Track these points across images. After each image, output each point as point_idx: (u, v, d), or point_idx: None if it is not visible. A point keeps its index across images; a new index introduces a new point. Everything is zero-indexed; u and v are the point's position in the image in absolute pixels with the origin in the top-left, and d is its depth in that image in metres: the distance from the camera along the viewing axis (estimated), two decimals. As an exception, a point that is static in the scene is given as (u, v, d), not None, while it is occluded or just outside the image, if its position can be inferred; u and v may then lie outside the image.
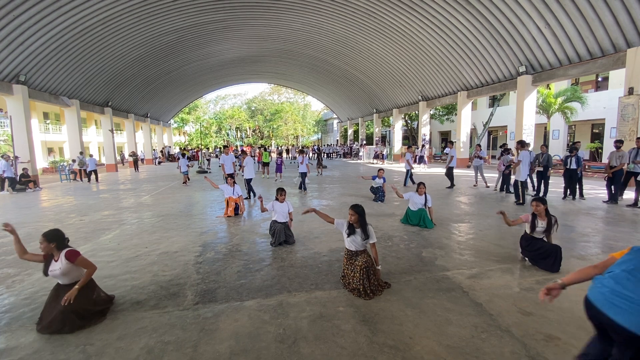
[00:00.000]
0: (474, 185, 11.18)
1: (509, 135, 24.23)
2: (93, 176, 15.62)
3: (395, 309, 3.09)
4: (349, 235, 3.52)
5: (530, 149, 9.50)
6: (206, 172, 18.84)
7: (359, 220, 3.47)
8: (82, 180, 15.79)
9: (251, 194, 9.21)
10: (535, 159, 8.93)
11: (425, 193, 6.04)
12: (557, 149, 21.50)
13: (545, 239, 4.00)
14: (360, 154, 30.05)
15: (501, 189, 9.96)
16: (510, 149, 10.44)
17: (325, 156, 30.29)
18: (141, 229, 6.33)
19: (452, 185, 10.70)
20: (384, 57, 20.57)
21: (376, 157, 24.79)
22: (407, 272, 3.96)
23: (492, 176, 12.19)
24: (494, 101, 23.68)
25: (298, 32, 20.00)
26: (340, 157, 34.09)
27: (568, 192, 8.66)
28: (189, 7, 15.23)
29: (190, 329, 2.83)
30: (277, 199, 5.17)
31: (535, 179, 9.46)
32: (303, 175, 10.79)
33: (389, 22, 16.40)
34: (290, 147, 31.36)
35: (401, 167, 19.65)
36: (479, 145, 11.80)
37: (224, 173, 9.98)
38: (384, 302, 3.22)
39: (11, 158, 12.98)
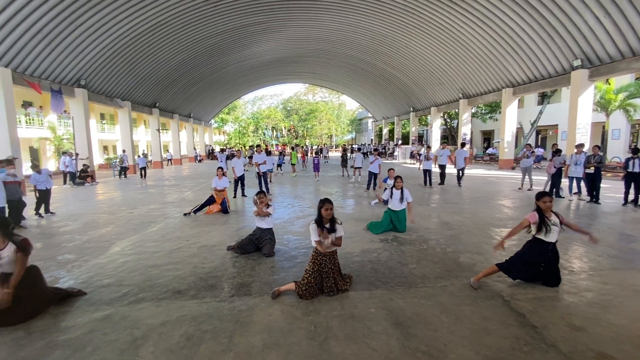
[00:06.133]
0: (527, 189, 10.28)
1: (560, 135, 22.42)
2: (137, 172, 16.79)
3: (430, 314, 3.00)
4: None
5: (584, 149, 8.75)
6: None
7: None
8: (125, 177, 16.91)
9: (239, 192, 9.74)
10: (586, 160, 8.21)
11: (402, 188, 5.64)
12: (618, 150, 19.50)
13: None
14: (395, 153, 29.42)
15: (550, 193, 9.22)
16: (561, 150, 9.65)
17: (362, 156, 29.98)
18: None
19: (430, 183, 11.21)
20: (423, 54, 19.95)
21: (412, 156, 24.14)
22: (443, 276, 3.82)
23: (540, 179, 11.36)
24: (544, 98, 22.01)
25: (336, 31, 20.00)
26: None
27: (630, 197, 7.83)
28: (230, 10, 15.83)
29: (226, 320, 2.95)
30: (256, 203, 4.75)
31: (580, 182, 8.69)
32: (374, 175, 10.56)
33: (429, 18, 15.86)
34: (323, 147, 31.33)
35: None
36: (529, 145, 11.03)
37: (234, 176, 9.60)
38: (418, 306, 3.14)
39: (74, 155, 14.37)
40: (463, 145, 12.87)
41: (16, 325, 2.89)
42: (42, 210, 7.65)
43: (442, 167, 11.85)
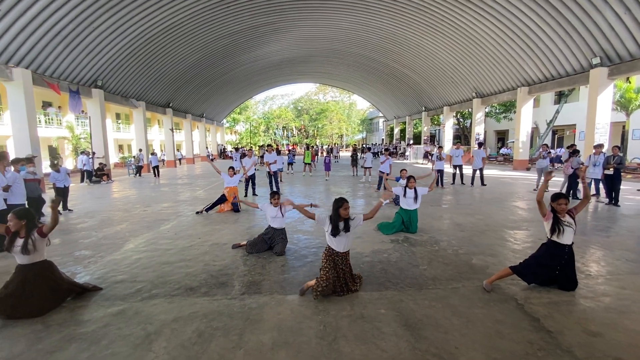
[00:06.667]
0: (534, 190, 10.22)
1: (578, 135, 21.79)
2: (149, 171, 17.14)
3: (440, 316, 2.96)
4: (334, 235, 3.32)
5: (604, 150, 8.50)
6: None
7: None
8: (140, 176, 17.28)
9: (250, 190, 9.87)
10: (605, 161, 7.97)
11: (415, 187, 5.62)
12: (639, 151, 18.84)
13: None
14: (407, 153, 29.14)
15: (566, 195, 8.99)
16: (579, 150, 9.39)
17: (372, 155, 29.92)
18: (195, 220, 6.81)
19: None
20: (434, 52, 19.70)
21: (425, 156, 23.89)
22: (454, 278, 3.77)
23: (557, 180, 11.09)
24: (561, 97, 21.45)
25: (346, 31, 19.95)
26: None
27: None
28: (242, 11, 15.97)
29: (237, 318, 2.98)
30: (270, 202, 4.81)
31: (599, 183, 8.44)
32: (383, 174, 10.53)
33: (441, 15, 15.65)
34: (334, 147, 31.33)
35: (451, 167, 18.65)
36: (546, 145, 10.78)
37: (245, 175, 9.59)
38: (428, 308, 3.10)
39: (90, 154, 14.74)
40: (480, 145, 12.82)
41: (30, 318, 2.98)
42: (60, 207, 7.88)
43: (459, 168, 11.75)
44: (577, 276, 3.48)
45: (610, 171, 7.85)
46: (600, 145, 8.47)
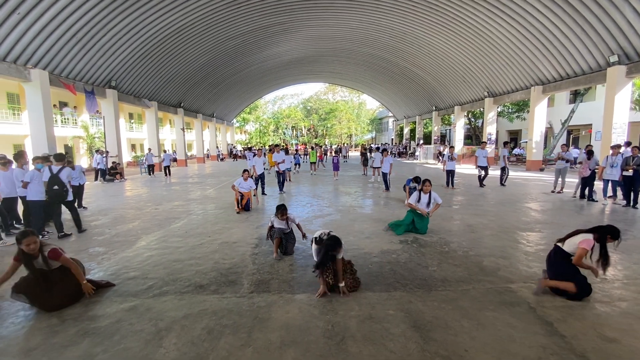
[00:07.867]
0: (557, 192, 9.74)
1: (594, 135, 21.22)
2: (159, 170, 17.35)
3: (450, 318, 2.93)
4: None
5: (622, 150, 8.27)
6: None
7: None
8: (152, 174, 17.50)
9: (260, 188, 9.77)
10: (624, 162, 7.74)
11: (430, 191, 5.58)
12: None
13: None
14: (417, 153, 28.88)
15: (581, 196, 8.78)
16: (593, 151, 9.14)
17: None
18: (205, 219, 6.89)
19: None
20: (446, 51, 19.46)
21: (437, 157, 23.65)
22: (464, 280, 3.72)
23: (571, 181, 10.84)
24: (576, 96, 20.93)
25: (356, 30, 19.88)
26: (394, 156, 33.15)
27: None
28: (252, 12, 16.08)
29: (246, 316, 3.00)
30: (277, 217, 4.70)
31: (616, 185, 8.18)
32: (385, 175, 10.40)
33: (452, 14, 15.44)
34: (343, 147, 31.31)
35: (461, 168, 18.42)
36: (565, 145, 10.53)
37: (255, 174, 9.70)
38: (438, 310, 3.07)
39: (104, 153, 15.06)
40: (505, 144, 12.91)
41: (53, 311, 3.09)
42: (75, 205, 8.06)
43: (485, 169, 11.32)
44: (593, 280, 3.39)
45: (630, 172, 7.62)
46: (618, 146, 8.23)
